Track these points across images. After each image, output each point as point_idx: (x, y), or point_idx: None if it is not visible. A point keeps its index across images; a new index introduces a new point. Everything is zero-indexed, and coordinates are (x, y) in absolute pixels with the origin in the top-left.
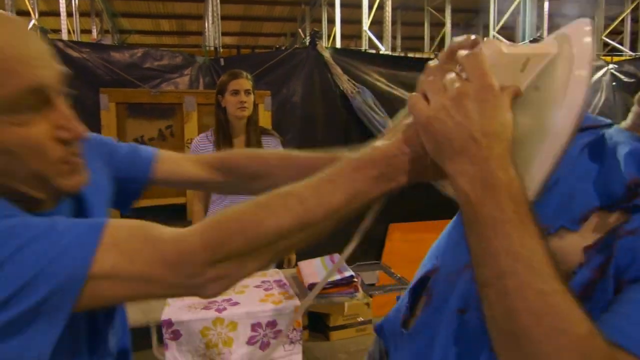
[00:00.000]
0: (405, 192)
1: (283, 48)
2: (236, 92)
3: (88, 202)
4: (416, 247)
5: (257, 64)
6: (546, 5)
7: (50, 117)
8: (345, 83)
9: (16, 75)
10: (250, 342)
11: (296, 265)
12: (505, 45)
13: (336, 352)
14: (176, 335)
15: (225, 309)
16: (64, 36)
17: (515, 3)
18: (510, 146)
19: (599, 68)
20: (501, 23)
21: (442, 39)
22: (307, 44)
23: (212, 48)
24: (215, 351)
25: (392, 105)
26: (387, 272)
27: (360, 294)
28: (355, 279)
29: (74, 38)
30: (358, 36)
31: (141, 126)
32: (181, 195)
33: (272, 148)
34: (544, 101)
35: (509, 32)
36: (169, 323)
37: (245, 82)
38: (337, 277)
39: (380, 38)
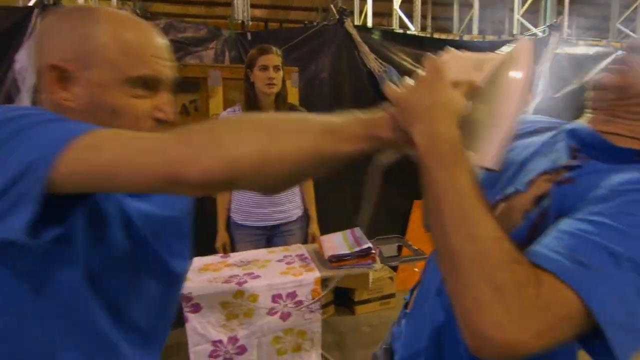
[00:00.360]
0: None
1: (315, 23)
2: (265, 68)
3: None
4: None
5: (285, 40)
6: None
7: (154, 99)
8: (372, 62)
9: (146, 65)
10: (270, 313)
11: (318, 240)
12: (466, 53)
13: (360, 325)
14: (196, 309)
15: (246, 282)
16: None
17: None
18: (454, 114)
19: (607, 54)
20: (525, 6)
21: (470, 20)
22: (336, 21)
23: (240, 21)
24: (236, 322)
25: None
26: (405, 245)
27: (377, 264)
28: (373, 251)
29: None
30: (389, 14)
31: None
32: None
33: None
34: (495, 93)
35: (532, 16)
36: (189, 297)
37: (274, 57)
38: (356, 248)
39: (410, 17)
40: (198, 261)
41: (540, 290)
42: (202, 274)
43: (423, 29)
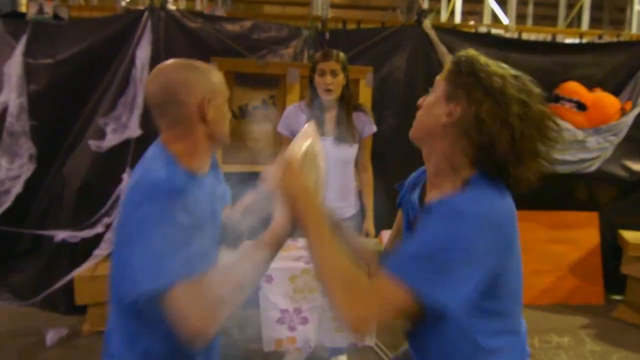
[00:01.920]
0: None
1: (400, 20)
2: (322, 73)
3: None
4: None
5: (362, 40)
6: None
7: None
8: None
9: (220, 95)
10: None
11: (378, 235)
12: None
13: None
14: (269, 279)
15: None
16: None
17: None
18: (307, 193)
19: None
20: None
21: (581, 8)
22: (414, 21)
23: (319, 22)
24: (301, 296)
25: None
26: None
27: None
28: None
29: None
30: (481, 1)
31: (246, 94)
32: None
33: (362, 123)
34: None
35: None
36: None
37: (332, 64)
38: None
39: (504, 4)
40: None
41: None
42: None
43: (522, 17)
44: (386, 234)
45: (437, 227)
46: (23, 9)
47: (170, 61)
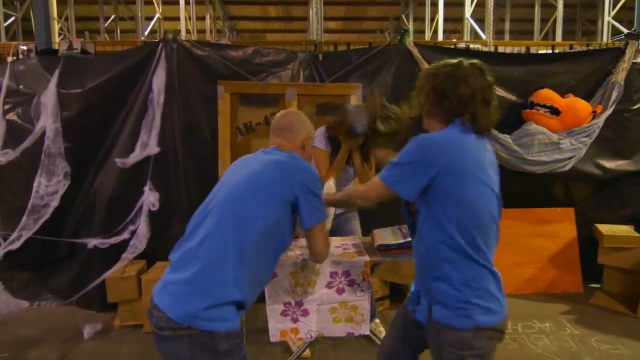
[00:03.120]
0: None
1: (388, 38)
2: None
3: None
4: None
5: (352, 59)
6: None
7: None
8: None
9: (313, 139)
10: (328, 285)
11: (371, 233)
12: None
13: None
14: (273, 275)
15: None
16: (182, 25)
17: None
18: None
19: None
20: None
21: (555, 22)
22: (397, 41)
23: (313, 45)
24: (302, 290)
25: None
26: None
27: None
28: None
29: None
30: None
31: (250, 113)
32: None
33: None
34: None
35: (630, 13)
36: None
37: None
38: (401, 240)
39: (482, 22)
40: None
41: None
42: None
43: (499, 33)
44: (377, 233)
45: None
46: (56, 46)
47: (293, 110)
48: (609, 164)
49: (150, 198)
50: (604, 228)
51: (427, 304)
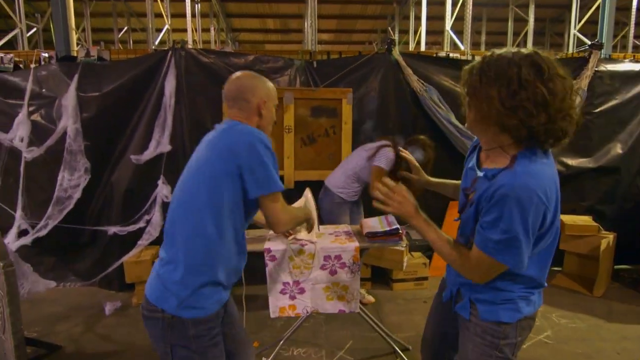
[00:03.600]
0: None
1: (375, 48)
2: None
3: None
4: None
5: (343, 66)
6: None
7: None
8: (415, 82)
9: (273, 99)
10: (322, 268)
11: (360, 222)
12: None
13: (396, 298)
14: (273, 258)
15: (306, 244)
16: (189, 36)
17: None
18: (417, 213)
19: None
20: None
21: (526, 35)
22: (384, 50)
23: (308, 54)
24: (299, 271)
25: (454, 101)
26: None
27: (404, 242)
28: (401, 231)
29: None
30: (442, 31)
31: None
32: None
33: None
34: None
35: (594, 27)
36: (269, 250)
37: None
38: (387, 228)
39: (461, 34)
40: None
41: (471, 257)
42: (278, 238)
43: (476, 45)
44: (365, 221)
45: (503, 216)
46: (75, 53)
47: (244, 71)
48: (571, 161)
49: (163, 191)
50: (566, 218)
51: (469, 300)
